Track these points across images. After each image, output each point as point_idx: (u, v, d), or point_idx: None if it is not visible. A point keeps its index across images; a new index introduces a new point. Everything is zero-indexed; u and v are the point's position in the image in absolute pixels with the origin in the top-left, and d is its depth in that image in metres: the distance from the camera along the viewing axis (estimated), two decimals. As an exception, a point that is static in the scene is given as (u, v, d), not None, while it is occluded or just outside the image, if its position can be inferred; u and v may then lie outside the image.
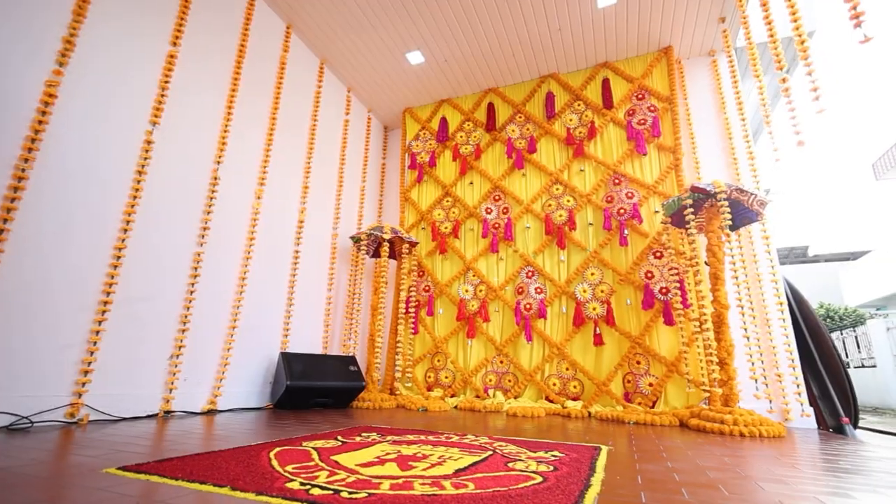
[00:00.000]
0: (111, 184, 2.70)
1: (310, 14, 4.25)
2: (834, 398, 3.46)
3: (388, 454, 1.72)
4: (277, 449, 1.73)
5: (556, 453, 1.84)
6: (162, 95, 3.03)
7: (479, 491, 1.22)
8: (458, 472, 1.45)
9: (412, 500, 1.12)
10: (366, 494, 1.15)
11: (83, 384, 2.41)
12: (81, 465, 1.43)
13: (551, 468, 1.55)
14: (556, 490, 1.26)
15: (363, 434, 2.23)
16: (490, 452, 1.82)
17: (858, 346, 10.22)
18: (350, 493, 1.16)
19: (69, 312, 2.42)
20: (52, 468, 1.40)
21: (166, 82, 3.06)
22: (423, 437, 2.18)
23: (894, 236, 14.00)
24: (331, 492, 1.16)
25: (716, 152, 4.29)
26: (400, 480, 1.31)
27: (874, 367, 8.98)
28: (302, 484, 1.23)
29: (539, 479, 1.39)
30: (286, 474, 1.33)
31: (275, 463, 1.48)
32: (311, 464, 1.50)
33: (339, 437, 2.10)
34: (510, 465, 1.59)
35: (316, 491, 1.17)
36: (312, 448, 1.79)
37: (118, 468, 1.36)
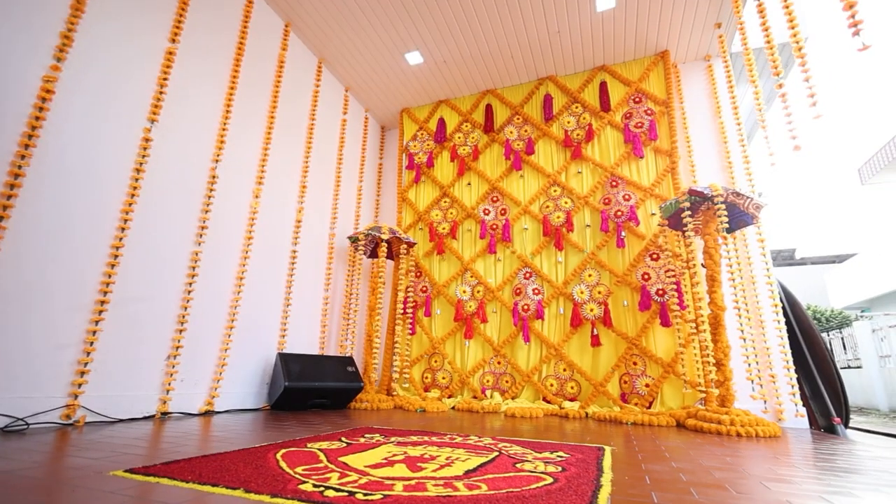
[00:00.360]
0: (109, 181, 2.66)
1: (309, 13, 4.23)
2: (826, 398, 3.52)
3: (395, 455, 1.71)
4: (283, 450, 1.72)
5: (561, 454, 1.85)
6: (160, 92, 2.99)
7: (492, 492, 1.22)
8: (468, 473, 1.46)
9: (428, 502, 1.12)
10: (381, 496, 1.15)
11: (79, 385, 2.37)
12: (86, 467, 1.40)
13: (559, 469, 1.55)
14: (569, 490, 1.26)
15: (366, 435, 2.22)
16: (496, 453, 1.83)
17: (844, 348, 10.42)
18: (365, 494, 1.16)
19: (66, 312, 2.38)
20: (57, 471, 1.38)
21: (165, 79, 3.03)
22: (426, 438, 2.17)
23: (879, 239, 14.30)
24: (345, 493, 1.16)
25: (711, 155, 4.34)
26: (412, 482, 1.31)
27: (860, 367, 9.16)
28: (315, 486, 1.22)
29: (549, 479, 1.39)
30: (297, 476, 1.32)
31: (283, 464, 1.47)
32: (321, 465, 1.49)
33: (343, 439, 2.09)
34: (518, 465, 1.60)
35: (330, 493, 1.16)
36: (318, 449, 1.78)
37: (125, 471, 1.34)
